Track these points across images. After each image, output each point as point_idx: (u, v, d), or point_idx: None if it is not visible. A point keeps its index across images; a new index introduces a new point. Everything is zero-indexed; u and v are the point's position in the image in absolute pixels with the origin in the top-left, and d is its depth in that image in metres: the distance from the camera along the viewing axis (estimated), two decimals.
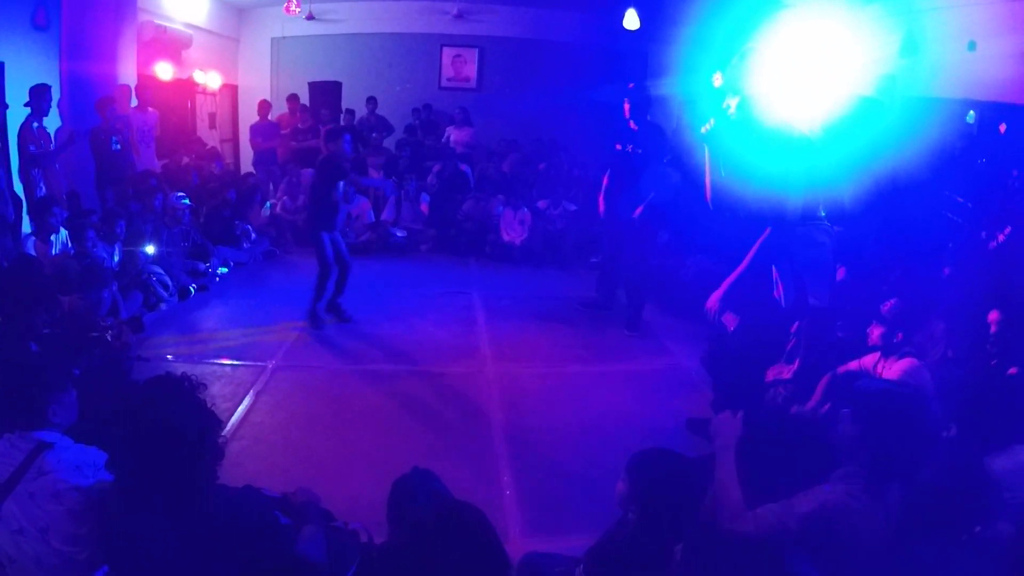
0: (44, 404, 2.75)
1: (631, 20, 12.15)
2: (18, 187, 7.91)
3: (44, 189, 8.05)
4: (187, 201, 8.69)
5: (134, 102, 9.66)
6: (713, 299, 4.51)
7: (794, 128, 4.24)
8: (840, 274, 6.76)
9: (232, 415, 5.26)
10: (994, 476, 3.16)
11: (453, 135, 13.21)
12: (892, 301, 4.84)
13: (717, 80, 9.92)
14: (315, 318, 7.23)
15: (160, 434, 2.22)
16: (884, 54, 8.91)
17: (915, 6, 8.61)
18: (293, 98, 12.94)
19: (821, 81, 4.33)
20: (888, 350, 4.68)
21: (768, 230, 4.05)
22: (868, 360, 4.78)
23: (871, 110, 8.75)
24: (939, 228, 7.28)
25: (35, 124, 8.00)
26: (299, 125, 12.46)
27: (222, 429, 2.51)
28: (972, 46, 7.81)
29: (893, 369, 4.53)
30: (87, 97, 8.74)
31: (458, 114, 13.40)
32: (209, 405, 2.49)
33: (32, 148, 7.98)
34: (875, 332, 4.75)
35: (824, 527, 2.54)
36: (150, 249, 7.68)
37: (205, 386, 2.51)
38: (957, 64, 7.96)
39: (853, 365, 4.91)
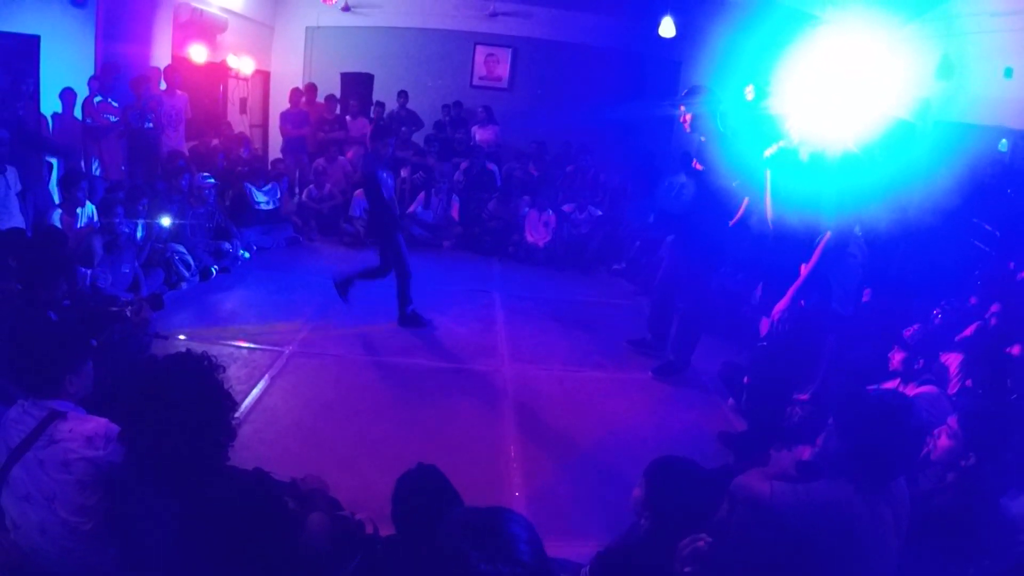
0: (60, 373, 2.75)
1: (667, 28, 12.11)
2: (53, 159, 8.03)
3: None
4: (212, 180, 8.73)
5: (163, 85, 9.71)
6: (778, 310, 4.41)
7: (836, 147, 4.17)
8: (865, 296, 6.70)
9: (246, 398, 5.26)
10: (1009, 515, 3.12)
11: (478, 135, 13.21)
12: (915, 327, 4.77)
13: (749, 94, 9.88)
14: (411, 319, 7.17)
15: (176, 409, 2.21)
16: (920, 76, 8.81)
17: (953, 29, 8.50)
18: (311, 88, 12.97)
19: (857, 99, 4.28)
20: (908, 376, 4.62)
21: (828, 235, 3.98)
22: (888, 387, 4.71)
23: (905, 132, 8.66)
24: (966, 256, 7.18)
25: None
26: (325, 115, 12.48)
27: (236, 410, 2.50)
28: (1009, 72, 7.70)
29: (913, 396, 4.45)
30: (121, 76, 8.79)
31: (480, 113, 13.39)
32: (225, 386, 2.48)
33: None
34: (896, 358, 4.69)
35: (828, 517, 2.56)
36: (169, 223, 7.69)
37: (223, 367, 2.50)
38: (992, 90, 7.84)
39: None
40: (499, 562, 1.56)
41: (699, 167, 5.73)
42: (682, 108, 5.75)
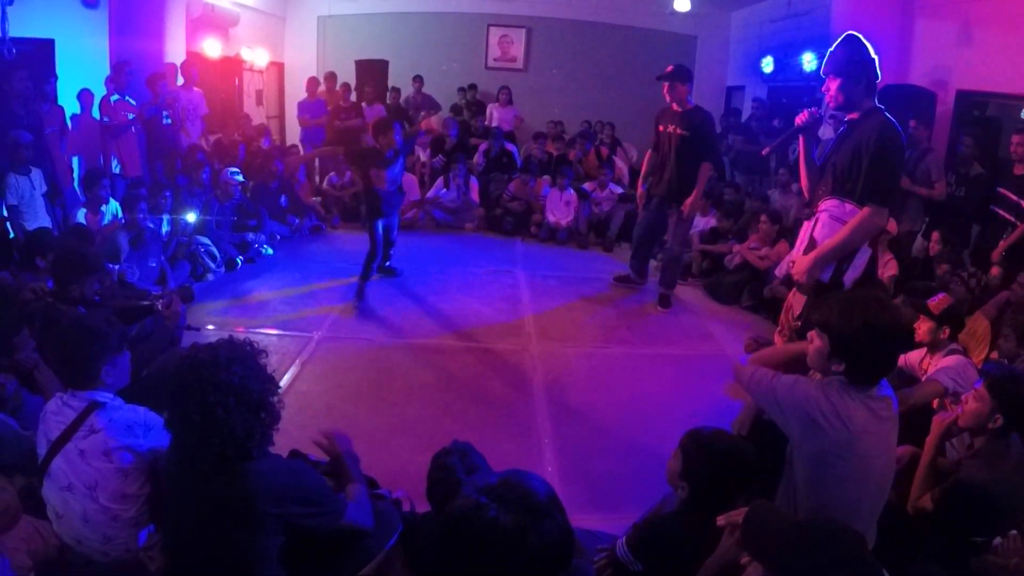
0: (98, 365, 2.79)
1: (682, 2, 11.99)
2: (74, 159, 8.10)
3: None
4: (240, 177, 8.77)
5: (180, 81, 9.75)
6: (801, 269, 4.31)
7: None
8: (893, 268, 6.64)
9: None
10: None
11: (496, 114, 13.18)
12: (939, 296, 4.69)
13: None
14: (360, 294, 7.22)
15: (222, 393, 2.24)
16: (939, 44, 8.65)
17: None
18: (329, 77, 13.04)
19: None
20: (934, 346, 4.55)
21: (866, 210, 3.93)
22: (914, 356, 4.65)
23: (923, 102, 8.50)
24: (990, 225, 7.08)
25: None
26: (341, 103, 12.49)
27: (279, 393, 2.52)
28: None
29: (939, 365, 4.40)
30: (136, 74, 8.83)
31: (501, 94, 13.35)
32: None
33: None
34: (922, 328, 4.61)
35: (798, 408, 2.64)
36: (194, 219, 7.76)
37: (266, 352, 2.53)
38: (1012, 58, 7.64)
39: (899, 361, 4.76)
40: (520, 512, 1.55)
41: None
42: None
